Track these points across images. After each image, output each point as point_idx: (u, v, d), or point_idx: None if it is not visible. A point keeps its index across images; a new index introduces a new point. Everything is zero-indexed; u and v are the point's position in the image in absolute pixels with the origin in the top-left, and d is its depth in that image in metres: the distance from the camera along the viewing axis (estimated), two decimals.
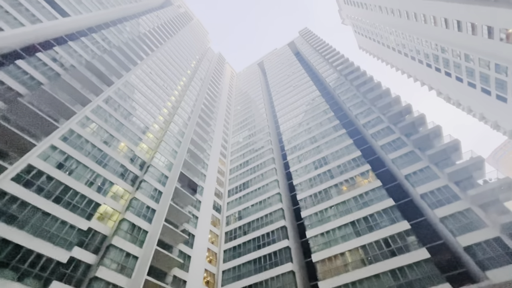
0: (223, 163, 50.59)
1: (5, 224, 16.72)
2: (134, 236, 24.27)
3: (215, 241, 35.17)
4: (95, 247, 21.73)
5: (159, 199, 29.39)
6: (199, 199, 35.84)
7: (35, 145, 20.93)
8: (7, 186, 17.89)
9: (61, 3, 34.38)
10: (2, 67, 24.06)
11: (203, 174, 40.95)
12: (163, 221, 26.47)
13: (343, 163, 33.77)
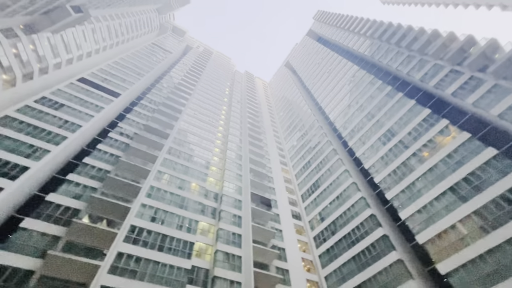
0: (287, 171, 50.50)
1: (129, 279, 19.68)
2: (231, 263, 25.66)
3: (307, 249, 34.54)
4: (202, 281, 23.67)
5: (241, 223, 30.76)
6: (276, 213, 36.21)
7: (130, 208, 24.54)
8: (121, 248, 21.22)
9: (111, 87, 40.88)
10: (90, 154, 29.45)
11: (272, 187, 41.51)
12: (251, 243, 27.44)
13: (414, 128, 30.05)
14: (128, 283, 19.46)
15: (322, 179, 40.50)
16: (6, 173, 21.45)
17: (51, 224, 21.14)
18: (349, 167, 37.59)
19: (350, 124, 41.96)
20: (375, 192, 32.76)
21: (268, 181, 42.77)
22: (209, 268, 25.07)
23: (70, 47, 37.52)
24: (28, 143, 24.87)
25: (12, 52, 27.60)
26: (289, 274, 28.86)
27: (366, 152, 35.39)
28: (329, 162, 41.26)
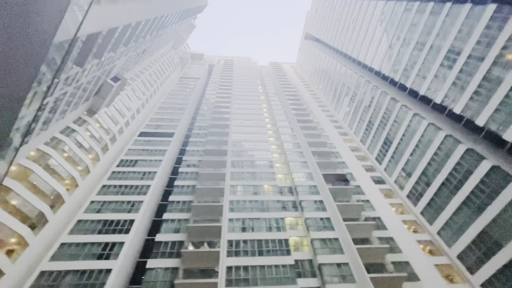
0: (350, 140, 47.69)
1: (245, 287, 21.34)
2: (330, 247, 25.42)
3: (404, 210, 31.79)
4: (310, 272, 24.04)
5: (324, 207, 30.28)
6: (355, 185, 34.48)
7: (220, 226, 26.70)
8: (227, 262, 23.21)
9: (165, 130, 45.53)
10: (172, 193, 33.26)
11: (341, 162, 39.76)
12: (343, 222, 26.72)
13: (482, 34, 24.88)
14: None
15: (392, 134, 36.88)
16: (120, 229, 25.92)
17: (167, 259, 24.53)
18: (417, 110, 33.30)
19: (400, 64, 37.23)
20: (461, 124, 28.17)
21: (335, 157, 41.11)
22: (311, 258, 25.32)
23: (123, 111, 43.33)
24: (126, 201, 29.54)
25: (87, 135, 33.37)
26: (395, 241, 26.98)
27: (432, 85, 30.82)
28: (392, 113, 37.36)
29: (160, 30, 48.01)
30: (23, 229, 22.87)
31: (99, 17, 19.79)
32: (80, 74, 27.08)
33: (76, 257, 23.35)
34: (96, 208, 28.66)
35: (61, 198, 27.75)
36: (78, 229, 26.07)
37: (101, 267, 22.61)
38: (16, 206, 23.49)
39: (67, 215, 27.80)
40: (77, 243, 24.59)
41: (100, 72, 32.69)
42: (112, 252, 24.10)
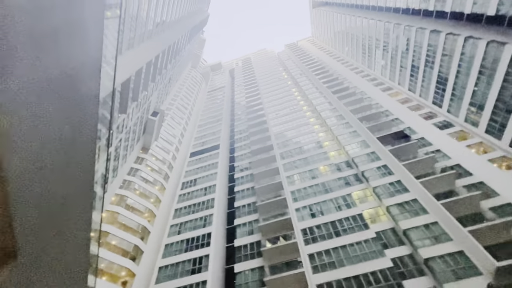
0: (397, 93, 43.40)
1: (332, 270, 21.13)
2: (410, 210, 23.52)
3: (487, 148, 27.57)
4: (396, 240, 22.62)
5: (390, 170, 28.15)
6: (418, 137, 31.24)
7: (289, 218, 26.94)
8: (307, 250, 23.29)
9: (211, 144, 47.93)
10: (236, 199, 34.84)
11: (393, 119, 36.50)
12: (417, 180, 24.49)
13: None
14: (334, 273, 20.94)
15: (444, 69, 32.40)
16: (202, 244, 28.20)
17: (250, 260, 25.76)
18: (467, 32, 28.56)
19: None
20: None
21: (386, 116, 37.94)
22: (393, 226, 23.78)
23: (170, 140, 46.98)
24: (198, 217, 31.96)
25: (149, 170, 37.02)
26: (486, 184, 23.59)
27: None
28: (437, 47, 32.83)
29: (176, 56, 50.68)
30: (127, 263, 26.50)
31: (125, 65, 21.78)
32: (126, 120, 30.21)
33: (174, 277, 26.14)
34: (176, 231, 31.65)
35: (146, 229, 31.38)
36: (168, 252, 29.14)
37: (197, 280, 24.92)
38: (116, 245, 27.33)
39: (155, 242, 31.30)
40: (171, 264, 27.52)
41: (140, 112, 35.99)
42: (201, 265, 26.36)
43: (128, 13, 19.43)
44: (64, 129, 3.56)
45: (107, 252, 25.64)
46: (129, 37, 21.61)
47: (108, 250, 26.15)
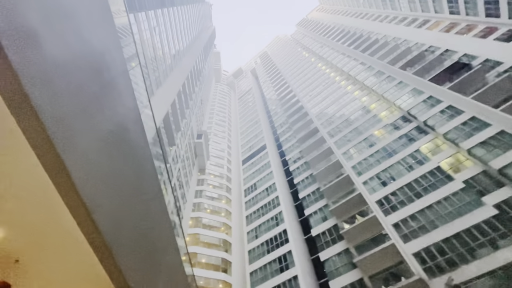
0: (437, 24, 37.83)
1: (425, 231, 19.28)
2: (500, 145, 20.04)
3: None
4: (492, 183, 19.51)
5: (458, 110, 24.49)
6: (481, 62, 26.65)
7: (359, 193, 25.60)
8: (391, 220, 21.75)
9: (258, 146, 48.75)
10: (299, 190, 34.66)
11: (443, 52, 31.92)
12: (496, 110, 20.90)
13: None
14: (429, 237, 19.06)
15: None
16: (281, 242, 28.75)
17: (333, 245, 25.23)
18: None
19: None
20: None
21: (431, 52, 33.41)
22: (483, 168, 20.58)
23: (220, 154, 49.26)
24: (269, 218, 32.70)
25: (211, 188, 39.43)
26: None
27: None
28: None
29: (199, 77, 53.14)
30: (221, 276, 28.58)
31: (160, 103, 23.70)
32: (177, 150, 32.77)
33: (266, 278, 27.15)
34: (253, 236, 32.90)
35: (227, 241, 33.37)
36: (253, 257, 30.45)
37: (288, 277, 25.45)
38: (206, 262, 29.70)
39: (239, 251, 33.05)
40: (259, 267, 28.67)
41: (187, 139, 38.67)
42: (287, 262, 26.85)
43: (148, 57, 21.13)
44: (131, 177, 4.02)
45: (200, 270, 28.05)
46: (155, 77, 23.47)
47: (201, 268, 28.58)
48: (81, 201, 2.63)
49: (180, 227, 11.03)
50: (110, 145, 3.34)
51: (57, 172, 2.37)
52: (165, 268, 5.95)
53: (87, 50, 2.86)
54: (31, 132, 2.13)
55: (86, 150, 2.77)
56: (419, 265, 18.19)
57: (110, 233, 3.25)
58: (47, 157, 2.28)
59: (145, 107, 7.84)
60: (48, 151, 2.23)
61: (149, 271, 4.79)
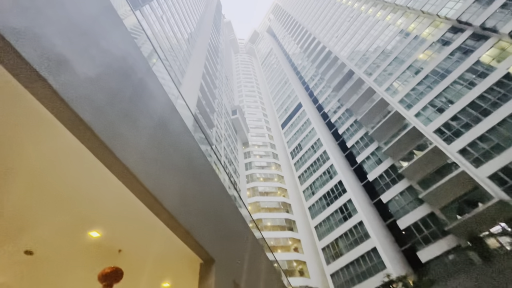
0: None
1: (496, 157, 17.25)
2: None
3: None
4: None
5: None
6: None
7: (412, 127, 23.61)
8: (455, 147, 19.87)
9: (300, 124, 47.59)
10: (355, 153, 33.60)
11: None
12: None
13: None
14: (507, 156, 17.05)
15: None
16: (339, 193, 28.95)
17: (394, 186, 24.41)
18: None
19: None
20: None
21: None
22: None
23: (258, 124, 49.68)
24: (321, 174, 32.85)
25: (258, 158, 40.62)
26: None
27: None
28: None
29: (217, 53, 52.30)
30: (288, 234, 30.56)
31: (189, 90, 24.36)
32: (218, 130, 34.02)
33: (331, 229, 28.14)
34: (310, 193, 33.71)
35: (286, 203, 34.98)
36: (314, 213, 31.54)
37: (353, 223, 25.96)
38: (272, 225, 31.80)
39: (299, 210, 34.52)
40: (323, 220, 29.71)
41: (223, 118, 39.65)
42: (349, 210, 27.19)
43: (165, 49, 21.41)
44: (184, 164, 4.36)
45: (269, 232, 30.32)
46: (177, 66, 23.88)
47: (269, 231, 30.86)
48: (149, 193, 2.99)
49: (240, 199, 11.85)
50: (158, 141, 3.61)
51: (123, 174, 2.69)
52: (236, 236, 6.57)
53: (110, 59, 3.01)
54: (95, 149, 2.42)
55: (141, 150, 3.05)
56: (498, 186, 16.64)
57: (181, 216, 3.66)
58: (113, 166, 2.59)
59: (177, 98, 8.15)
60: (112, 160, 2.53)
61: (223, 241, 5.35)
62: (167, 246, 4.12)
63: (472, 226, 17.08)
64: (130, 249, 4.09)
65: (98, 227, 3.64)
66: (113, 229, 3.73)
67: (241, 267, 6.02)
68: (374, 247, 23.38)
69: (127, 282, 4.77)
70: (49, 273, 4.31)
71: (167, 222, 3.49)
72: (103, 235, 3.75)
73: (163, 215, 3.35)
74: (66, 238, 3.66)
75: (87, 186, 3.08)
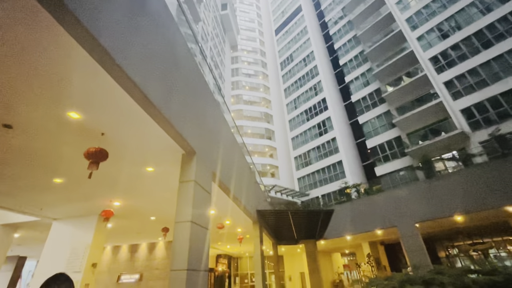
0: None
1: (476, 92, 17.71)
2: None
3: None
4: None
5: None
6: None
7: (410, 51, 22.55)
8: (442, 78, 19.91)
9: None
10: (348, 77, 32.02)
11: None
12: None
13: None
14: (485, 92, 17.58)
15: None
16: (320, 110, 29.84)
17: (373, 109, 25.36)
18: None
19: None
20: None
21: None
22: None
23: (254, 24, 44.71)
24: (308, 89, 32.69)
25: (246, 65, 38.60)
26: None
27: None
28: None
29: None
30: (266, 142, 32.75)
31: None
32: (204, 26, 30.39)
33: (306, 141, 30.46)
34: (293, 107, 34.42)
35: (268, 114, 35.91)
36: (293, 125, 33.15)
37: (327, 139, 28.12)
38: (252, 132, 33.52)
39: (280, 121, 35.95)
40: (300, 133, 31.67)
41: (211, 12, 34.74)
42: (326, 127, 28.85)
43: None
44: (169, 57, 4.03)
45: (249, 138, 32.34)
46: None
47: (248, 137, 32.82)
48: (129, 79, 2.87)
49: (224, 104, 11.88)
50: (138, 23, 3.20)
51: (102, 57, 2.47)
52: (218, 135, 6.93)
53: None
54: (72, 29, 2.11)
55: (120, 32, 2.71)
56: (465, 120, 17.91)
57: (163, 106, 3.66)
58: (93, 50, 2.33)
59: None
60: (91, 42, 2.26)
61: (205, 137, 5.65)
62: (149, 134, 4.29)
63: (428, 151, 19.25)
64: (113, 134, 4.23)
65: (78, 109, 3.60)
66: (94, 113, 3.72)
67: (221, 162, 6.65)
68: (340, 160, 26.33)
69: (114, 162, 5.17)
70: (30, 147, 4.49)
71: (148, 110, 3.51)
72: (83, 117, 3.76)
73: (145, 103, 3.33)
74: (46, 115, 3.64)
75: (65, 67, 2.87)
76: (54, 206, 7.68)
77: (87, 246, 8.02)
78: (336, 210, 15.36)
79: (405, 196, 13.57)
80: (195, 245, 4.25)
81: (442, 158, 17.41)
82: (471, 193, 11.38)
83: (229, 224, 11.77)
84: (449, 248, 18.60)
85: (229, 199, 7.92)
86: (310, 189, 28.05)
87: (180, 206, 4.38)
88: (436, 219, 12.29)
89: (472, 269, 7.52)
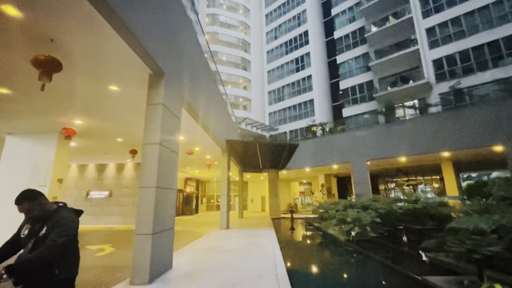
0: None
1: (453, 42, 17.92)
2: None
3: None
4: None
5: None
6: None
7: None
8: (426, 24, 19.50)
9: None
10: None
11: None
12: None
13: None
14: (460, 43, 17.88)
15: None
16: (300, 43, 28.27)
17: (353, 49, 24.76)
18: None
19: None
20: None
21: None
22: None
23: None
24: (291, 17, 30.04)
25: None
26: None
27: None
28: None
29: None
30: (241, 72, 31.40)
31: None
32: None
33: (282, 76, 29.81)
34: (273, 36, 32.09)
35: (246, 41, 33.31)
36: (271, 57, 31.60)
37: (303, 76, 27.74)
38: (227, 60, 31.50)
39: (257, 52, 33.83)
40: (277, 67, 30.59)
41: None
42: (304, 63, 28.04)
43: None
44: None
45: (223, 67, 30.52)
46: None
47: (222, 65, 30.92)
48: None
49: (198, 23, 10.60)
50: None
51: None
52: (189, 58, 6.42)
53: None
54: None
55: None
56: (433, 70, 18.59)
57: (127, 16, 3.18)
58: None
59: None
60: None
61: (175, 58, 5.21)
62: (111, 47, 3.82)
63: (394, 97, 20.27)
64: (66, 42, 3.67)
65: (13, 2, 2.96)
66: (38, 12, 3.10)
67: (192, 87, 6.36)
68: (312, 99, 26.79)
69: (70, 76, 4.68)
70: None
71: (109, 18, 3.03)
72: (25, 15, 3.14)
73: (104, 8, 2.84)
74: None
75: None
76: (4, 118, 7.07)
77: (49, 162, 7.87)
78: (300, 145, 16.47)
79: (363, 137, 14.86)
80: (163, 165, 4.41)
81: (404, 105, 18.60)
82: (418, 138, 12.83)
83: (198, 150, 12.15)
84: (388, 183, 21.86)
85: (198, 126, 7.95)
86: (280, 124, 29.00)
87: (148, 129, 4.32)
88: (385, 159, 13.96)
89: (401, 199, 9.12)
